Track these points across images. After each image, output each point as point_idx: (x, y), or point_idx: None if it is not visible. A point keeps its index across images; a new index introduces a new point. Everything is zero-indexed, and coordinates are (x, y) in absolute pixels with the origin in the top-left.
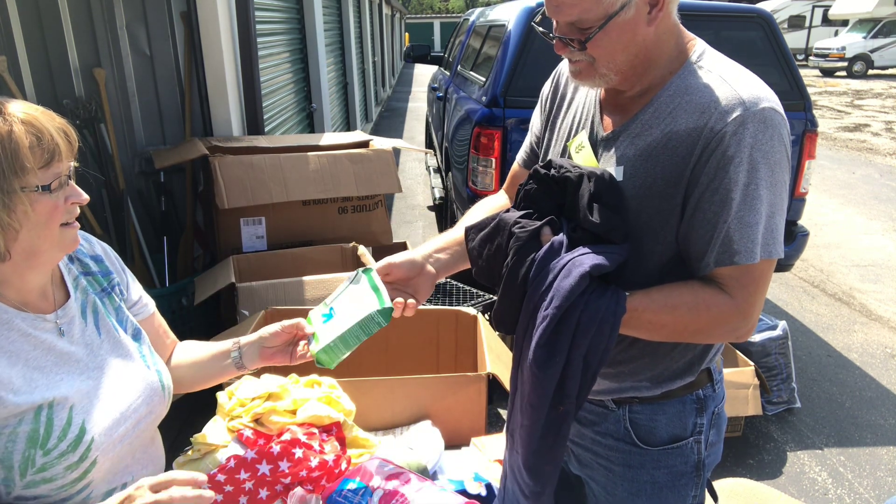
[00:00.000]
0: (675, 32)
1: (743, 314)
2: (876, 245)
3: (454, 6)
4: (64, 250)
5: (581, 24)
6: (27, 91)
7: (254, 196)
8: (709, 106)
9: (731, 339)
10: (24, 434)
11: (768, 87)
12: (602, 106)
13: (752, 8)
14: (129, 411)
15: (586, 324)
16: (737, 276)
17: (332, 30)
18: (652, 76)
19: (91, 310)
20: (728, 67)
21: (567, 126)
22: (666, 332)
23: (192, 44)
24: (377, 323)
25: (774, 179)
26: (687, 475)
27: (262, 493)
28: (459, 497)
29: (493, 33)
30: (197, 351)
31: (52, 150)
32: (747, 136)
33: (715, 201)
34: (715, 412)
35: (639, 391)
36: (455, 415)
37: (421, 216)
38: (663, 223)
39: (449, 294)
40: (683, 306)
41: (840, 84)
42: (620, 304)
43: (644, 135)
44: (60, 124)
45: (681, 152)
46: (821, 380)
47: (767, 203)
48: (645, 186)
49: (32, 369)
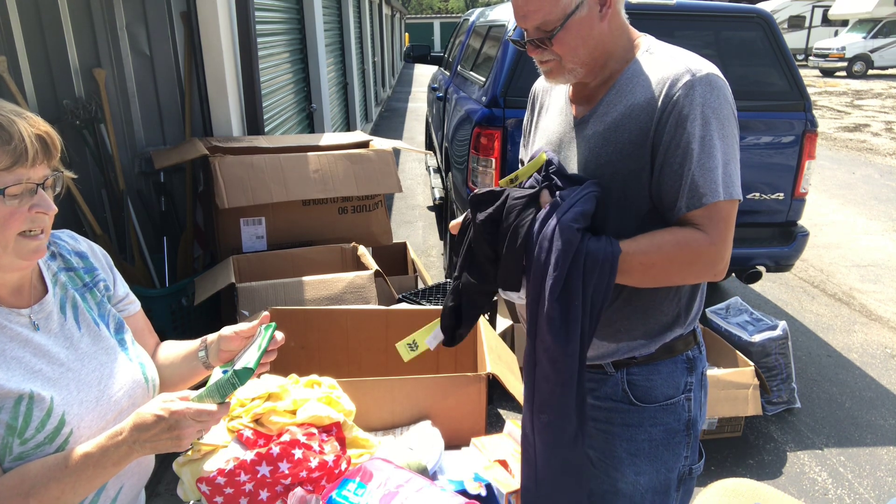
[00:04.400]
0: (625, 29)
1: (717, 248)
2: (876, 245)
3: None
4: (23, 259)
5: (545, 27)
6: (27, 91)
7: (254, 196)
8: (662, 78)
9: (710, 275)
10: (3, 422)
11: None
12: (572, 99)
13: (752, 8)
14: (110, 403)
15: (591, 266)
16: (707, 216)
17: (332, 30)
18: (611, 67)
19: (71, 305)
20: (674, 50)
21: (546, 125)
22: (654, 273)
23: (192, 44)
24: (232, 385)
25: (725, 132)
26: (680, 433)
27: (262, 495)
28: (459, 497)
29: (493, 33)
30: (173, 350)
31: (20, 154)
32: (697, 97)
33: (678, 154)
34: (702, 373)
35: (635, 350)
36: (455, 415)
37: (421, 216)
38: (636, 180)
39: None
40: (667, 244)
41: (840, 84)
42: (615, 245)
43: (610, 112)
44: (43, 131)
45: (643, 118)
46: (821, 380)
47: (722, 151)
48: (616, 152)
49: (9, 359)
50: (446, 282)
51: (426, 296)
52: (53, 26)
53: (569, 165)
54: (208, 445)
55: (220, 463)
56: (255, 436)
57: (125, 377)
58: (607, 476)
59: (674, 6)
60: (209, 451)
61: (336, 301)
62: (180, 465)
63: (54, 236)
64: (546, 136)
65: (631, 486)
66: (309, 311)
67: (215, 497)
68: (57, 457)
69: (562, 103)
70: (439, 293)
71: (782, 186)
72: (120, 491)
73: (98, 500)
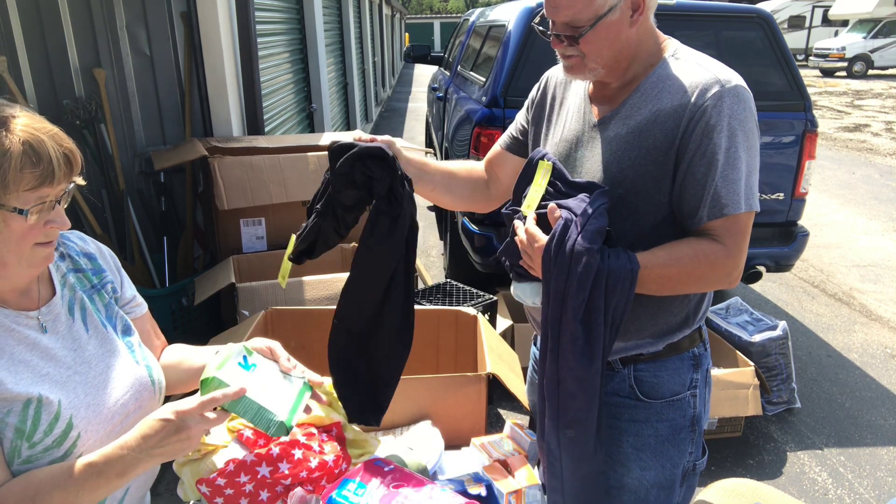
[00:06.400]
0: (653, 33)
1: (734, 259)
2: (876, 245)
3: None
4: (33, 268)
5: (574, 24)
6: (27, 91)
7: (253, 197)
8: (690, 86)
9: (725, 284)
10: (12, 425)
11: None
12: (591, 99)
13: (752, 8)
14: (116, 406)
15: (612, 285)
16: (727, 227)
17: (332, 30)
18: (634, 69)
19: (79, 306)
20: (700, 57)
21: (563, 122)
22: (671, 284)
23: (192, 44)
24: (266, 426)
25: (749, 143)
26: (685, 429)
27: (262, 496)
28: (459, 497)
29: (493, 33)
30: (182, 354)
31: (46, 176)
32: (725, 108)
33: (703, 164)
34: (707, 370)
35: (643, 347)
36: (455, 415)
37: (421, 216)
38: (658, 187)
39: (449, 294)
40: (685, 257)
41: (840, 84)
42: (634, 261)
43: (634, 115)
44: (68, 149)
45: (669, 125)
46: (821, 380)
47: (745, 163)
48: (640, 157)
49: (17, 363)
50: (446, 282)
51: (426, 296)
52: (53, 26)
53: (584, 165)
54: (208, 445)
55: (220, 463)
56: (255, 435)
57: (132, 380)
58: (613, 471)
59: (674, 6)
60: (209, 452)
61: (336, 301)
62: (180, 465)
63: (63, 237)
64: (561, 133)
65: (637, 481)
66: (309, 311)
67: (215, 498)
68: (62, 465)
69: (580, 101)
70: (439, 293)
71: (782, 186)
72: (126, 493)
73: (105, 501)
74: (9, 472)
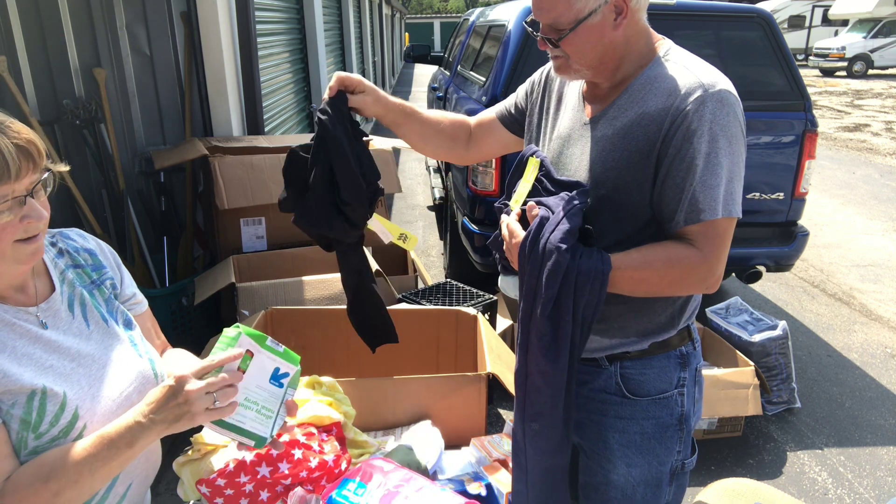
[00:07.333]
0: (644, 34)
1: (709, 264)
2: (876, 245)
3: (454, 6)
4: (21, 264)
5: (557, 26)
6: (27, 91)
7: (254, 196)
8: (674, 89)
9: (702, 289)
10: (18, 417)
11: (725, 76)
12: (585, 97)
13: (752, 8)
14: (121, 398)
15: (582, 284)
16: (703, 232)
17: (332, 30)
18: (624, 70)
19: (79, 302)
20: (690, 59)
21: (560, 118)
22: (645, 287)
23: (192, 44)
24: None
25: (732, 149)
26: (672, 427)
27: (262, 496)
28: (459, 497)
29: (492, 33)
30: (181, 361)
31: (1, 173)
32: (707, 113)
33: (682, 168)
34: (697, 369)
35: (628, 346)
36: (455, 415)
37: (421, 216)
38: (639, 189)
39: (449, 294)
40: (658, 261)
41: (840, 84)
42: (606, 262)
43: (621, 116)
44: (25, 140)
45: (652, 129)
46: (821, 380)
47: (726, 169)
48: (623, 158)
49: (21, 356)
50: (446, 282)
51: (426, 296)
52: (53, 26)
53: (573, 162)
54: (208, 445)
55: (220, 463)
56: None
57: (135, 372)
58: (600, 467)
59: (674, 6)
60: (209, 452)
61: (336, 301)
62: (180, 465)
63: (63, 234)
64: (557, 129)
65: (623, 478)
66: (309, 311)
67: (215, 498)
68: (73, 443)
69: (576, 99)
70: (439, 293)
71: (782, 186)
72: (129, 488)
73: (108, 497)
74: (17, 462)
